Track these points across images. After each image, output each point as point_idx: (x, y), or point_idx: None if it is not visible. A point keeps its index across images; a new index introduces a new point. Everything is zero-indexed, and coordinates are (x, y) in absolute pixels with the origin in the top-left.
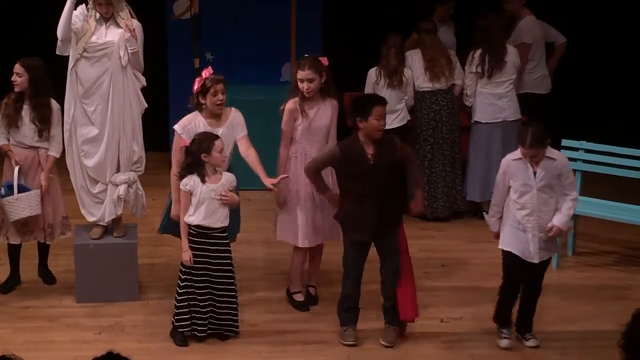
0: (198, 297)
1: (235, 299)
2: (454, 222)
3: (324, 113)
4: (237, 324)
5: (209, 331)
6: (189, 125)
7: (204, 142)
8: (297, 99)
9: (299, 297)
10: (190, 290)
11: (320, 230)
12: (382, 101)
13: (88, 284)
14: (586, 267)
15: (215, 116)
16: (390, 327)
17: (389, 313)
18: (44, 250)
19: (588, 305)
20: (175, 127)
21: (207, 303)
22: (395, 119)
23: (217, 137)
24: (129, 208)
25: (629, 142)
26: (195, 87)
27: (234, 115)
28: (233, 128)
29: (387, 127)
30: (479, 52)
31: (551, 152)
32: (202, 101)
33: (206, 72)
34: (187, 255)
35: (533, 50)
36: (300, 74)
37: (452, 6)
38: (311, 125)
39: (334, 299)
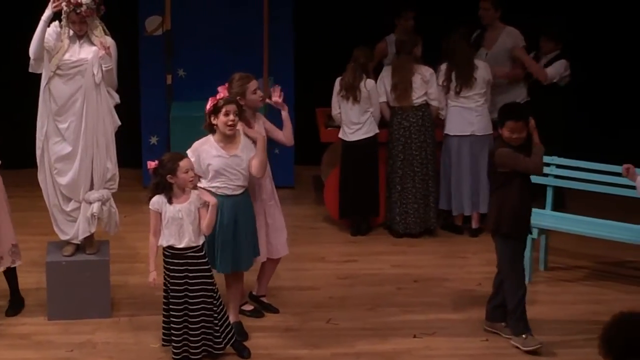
0: (175, 316)
1: (214, 320)
2: (427, 238)
3: (261, 127)
4: (218, 344)
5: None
6: (199, 148)
7: (170, 163)
8: (241, 122)
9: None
10: (172, 308)
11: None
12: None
13: (60, 301)
14: (558, 282)
15: (228, 138)
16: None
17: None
18: (10, 276)
19: (560, 319)
20: (188, 151)
21: (182, 321)
22: (358, 131)
23: (183, 157)
24: (102, 226)
25: (600, 157)
26: (208, 106)
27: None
28: (252, 150)
29: (349, 139)
30: (444, 66)
31: None
32: (214, 122)
33: (221, 92)
34: (151, 277)
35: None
36: (255, 83)
37: (410, 17)
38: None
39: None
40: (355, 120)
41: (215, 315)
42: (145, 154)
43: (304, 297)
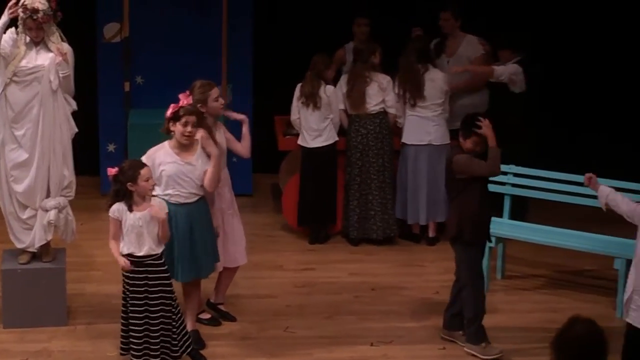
0: (135, 324)
1: (172, 328)
2: (385, 247)
3: (221, 135)
4: (175, 352)
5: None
6: (154, 155)
7: (130, 170)
8: (202, 129)
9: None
10: (131, 316)
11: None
12: None
13: (15, 309)
14: (515, 290)
15: (183, 145)
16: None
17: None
18: None
19: (516, 328)
20: (143, 157)
21: (143, 329)
22: (317, 138)
23: (144, 165)
24: (59, 233)
25: (563, 165)
26: (168, 112)
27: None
28: (208, 160)
29: (310, 145)
30: (398, 77)
31: None
32: (172, 128)
33: (183, 99)
34: (121, 261)
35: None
36: (217, 91)
37: (364, 24)
38: (222, 149)
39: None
40: (315, 127)
41: (174, 323)
42: (102, 161)
43: (262, 306)
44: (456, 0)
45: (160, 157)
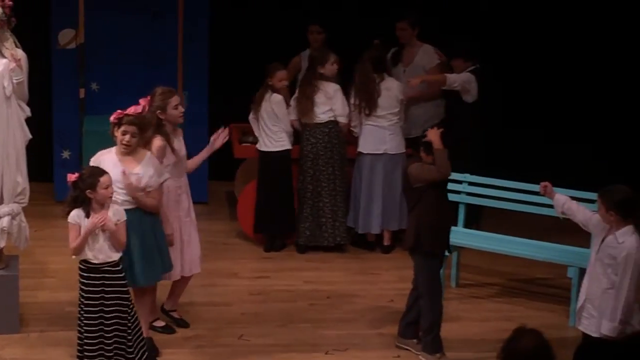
0: (90, 331)
1: (127, 335)
2: (340, 255)
3: (182, 142)
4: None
5: None
6: (100, 158)
7: (90, 178)
8: (160, 136)
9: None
10: (85, 322)
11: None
12: None
13: None
14: (469, 298)
15: (126, 154)
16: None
17: None
18: None
19: (471, 336)
20: (91, 160)
21: (97, 336)
22: (272, 143)
23: (104, 173)
24: (12, 240)
25: (512, 174)
26: (112, 117)
27: (151, 158)
28: (151, 171)
29: (263, 149)
30: (354, 86)
31: None
32: (115, 134)
33: (142, 103)
34: (95, 218)
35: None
36: (177, 99)
37: (316, 31)
38: (180, 157)
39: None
40: (268, 132)
41: (129, 330)
42: (57, 168)
43: (217, 313)
44: (413, 10)
45: (105, 161)
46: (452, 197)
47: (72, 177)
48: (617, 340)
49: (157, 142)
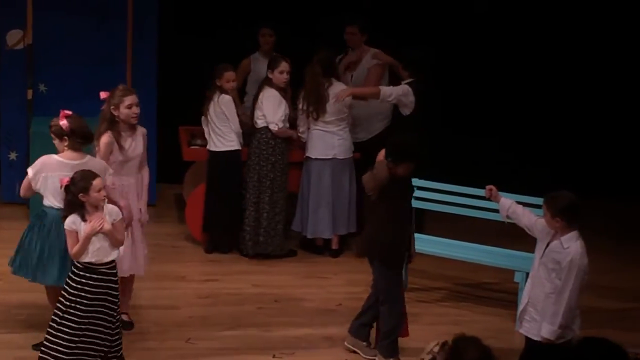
0: (71, 334)
1: (110, 337)
2: (288, 258)
3: (138, 143)
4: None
5: None
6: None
7: (82, 181)
8: (110, 132)
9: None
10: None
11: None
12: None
13: None
14: (417, 303)
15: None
16: None
17: None
18: None
19: (418, 341)
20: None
21: (80, 334)
22: (218, 142)
23: (96, 176)
24: None
25: (457, 179)
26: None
27: (93, 161)
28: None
29: (212, 149)
30: (302, 91)
31: None
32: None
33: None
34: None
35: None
36: (132, 99)
37: (267, 33)
38: (128, 156)
39: None
40: (218, 133)
41: (112, 332)
42: (4, 169)
43: (164, 316)
44: (363, 15)
45: (52, 162)
46: None
47: (64, 181)
48: (564, 346)
49: (104, 138)
